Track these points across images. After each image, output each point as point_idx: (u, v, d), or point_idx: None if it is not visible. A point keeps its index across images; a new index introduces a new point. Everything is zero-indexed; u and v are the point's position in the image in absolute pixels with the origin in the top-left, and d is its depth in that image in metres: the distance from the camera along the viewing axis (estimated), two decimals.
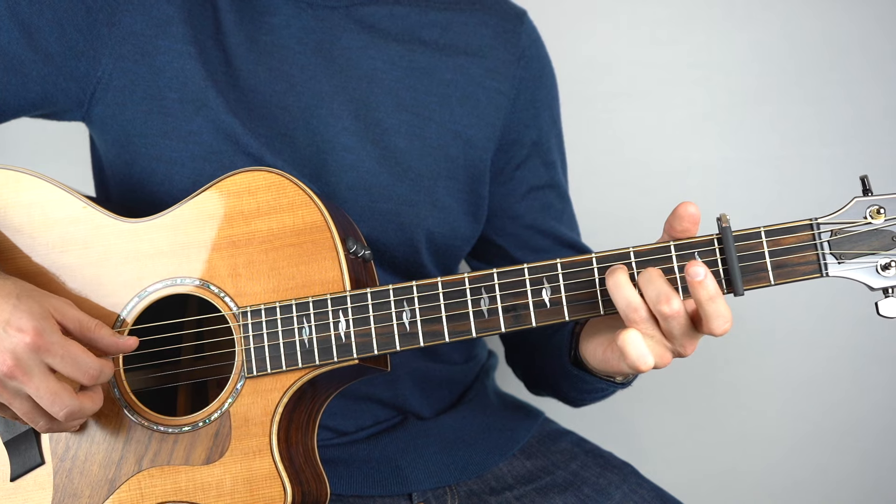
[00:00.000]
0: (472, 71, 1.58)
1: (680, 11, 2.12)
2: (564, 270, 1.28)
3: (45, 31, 1.44)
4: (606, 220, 2.07)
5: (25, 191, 1.40)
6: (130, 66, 1.46)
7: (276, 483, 1.31)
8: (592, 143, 2.11)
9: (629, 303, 1.23)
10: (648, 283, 1.23)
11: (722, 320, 1.21)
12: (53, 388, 1.24)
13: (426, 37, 1.57)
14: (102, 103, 1.47)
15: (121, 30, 1.46)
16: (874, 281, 1.25)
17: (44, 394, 1.23)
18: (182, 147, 1.45)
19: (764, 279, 1.25)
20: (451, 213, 1.57)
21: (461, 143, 1.57)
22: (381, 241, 1.52)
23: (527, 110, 1.63)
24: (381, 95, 1.53)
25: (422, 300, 1.31)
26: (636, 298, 1.23)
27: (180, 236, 1.37)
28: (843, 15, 2.08)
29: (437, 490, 1.55)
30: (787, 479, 2.19)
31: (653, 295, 1.22)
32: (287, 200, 1.35)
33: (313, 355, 1.32)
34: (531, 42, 1.64)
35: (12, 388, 1.24)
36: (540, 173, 1.66)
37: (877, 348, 2.14)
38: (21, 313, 1.23)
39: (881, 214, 1.24)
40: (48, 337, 1.23)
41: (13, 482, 1.36)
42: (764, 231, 1.25)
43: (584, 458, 1.62)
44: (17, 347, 1.22)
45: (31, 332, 1.22)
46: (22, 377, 1.23)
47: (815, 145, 2.10)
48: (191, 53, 1.47)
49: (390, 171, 1.52)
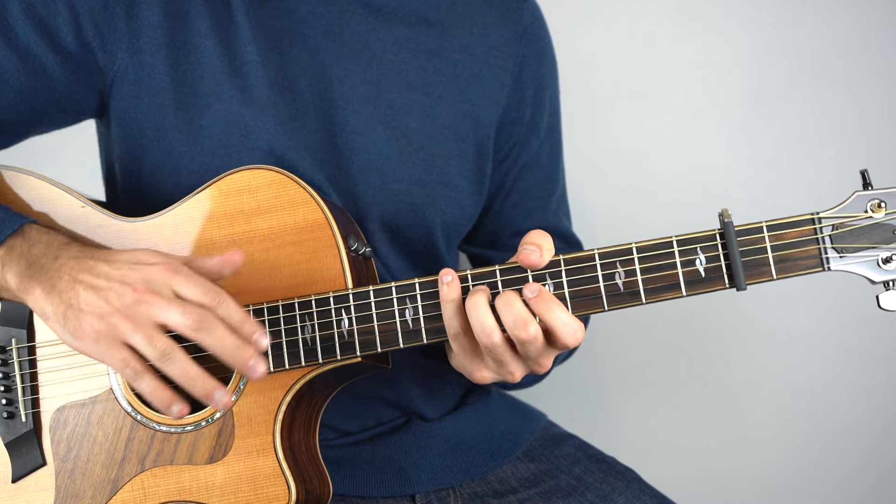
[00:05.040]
0: (478, 50, 1.60)
1: (680, 11, 2.13)
2: (567, 266, 1.28)
3: (63, 32, 1.44)
4: (606, 219, 2.07)
5: (25, 191, 1.40)
6: (147, 59, 1.46)
7: (280, 481, 1.30)
8: (593, 141, 2.12)
9: (483, 326, 1.24)
10: (506, 307, 1.24)
11: (570, 330, 1.24)
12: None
13: (432, 18, 1.58)
14: (118, 97, 1.47)
15: (139, 23, 1.46)
16: (875, 275, 1.25)
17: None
18: (192, 141, 1.45)
19: (766, 274, 1.26)
20: (460, 193, 1.58)
21: (470, 122, 1.58)
22: (394, 222, 1.53)
23: (528, 88, 1.64)
24: (391, 77, 1.54)
25: (424, 297, 1.31)
26: (491, 322, 1.25)
27: (180, 235, 1.36)
28: (843, 15, 2.09)
29: (440, 491, 1.55)
30: (788, 479, 2.19)
31: (510, 320, 1.24)
32: (287, 198, 1.34)
33: (316, 354, 1.32)
34: (533, 19, 1.66)
35: (142, 316, 1.22)
36: (534, 151, 1.68)
37: (878, 348, 2.14)
38: (121, 266, 1.25)
39: (882, 208, 1.25)
40: (175, 265, 1.24)
41: (15, 483, 1.35)
42: (766, 226, 1.26)
43: (587, 462, 1.62)
44: (150, 273, 1.23)
45: (160, 260, 1.25)
46: (152, 299, 1.22)
47: (816, 145, 2.10)
48: (207, 47, 1.47)
49: (401, 152, 1.53)
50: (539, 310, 1.24)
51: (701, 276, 1.27)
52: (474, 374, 1.33)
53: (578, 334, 1.25)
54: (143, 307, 1.22)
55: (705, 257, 1.27)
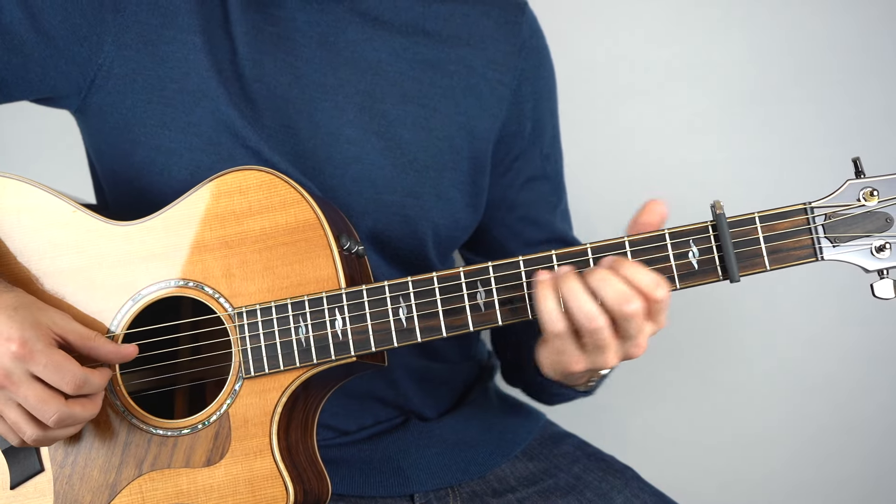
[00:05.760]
0: (475, 62, 1.59)
1: (680, 11, 2.12)
2: (560, 262, 1.28)
3: (48, 13, 1.44)
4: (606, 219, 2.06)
5: (12, 196, 1.39)
6: (133, 54, 1.46)
7: (278, 483, 1.30)
8: (592, 142, 2.11)
9: (587, 312, 1.21)
10: (604, 283, 1.21)
11: (654, 284, 1.21)
12: (41, 393, 1.25)
13: (430, 28, 1.57)
14: (103, 90, 1.47)
15: (126, 17, 1.45)
16: (869, 263, 1.25)
17: (32, 399, 1.25)
18: (181, 138, 1.45)
19: (759, 265, 1.25)
20: (454, 205, 1.57)
21: (465, 135, 1.57)
22: (385, 233, 1.52)
23: (527, 102, 1.63)
24: (386, 87, 1.53)
25: (417, 295, 1.30)
26: (594, 306, 1.21)
27: (172, 238, 1.36)
28: (842, 15, 2.08)
29: (439, 491, 1.54)
30: (788, 479, 2.18)
31: (612, 297, 1.20)
32: (279, 199, 1.34)
33: (310, 354, 1.31)
34: (532, 33, 1.65)
35: (2, 397, 1.26)
36: (538, 164, 1.66)
37: (880, 348, 2.13)
38: (13, 323, 1.25)
39: (874, 196, 1.25)
40: (32, 346, 1.25)
41: (13, 490, 1.35)
42: (758, 216, 1.25)
43: (586, 461, 1.62)
44: (4, 357, 1.24)
45: (17, 341, 1.24)
46: (10, 385, 1.24)
47: (814, 145, 2.10)
48: (195, 44, 1.47)
49: (395, 163, 1.52)
50: (626, 275, 1.21)
51: (694, 268, 1.26)
52: (572, 366, 1.28)
53: (662, 289, 1.21)
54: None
55: (698, 249, 1.26)
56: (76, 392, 1.27)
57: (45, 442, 1.30)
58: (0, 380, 1.24)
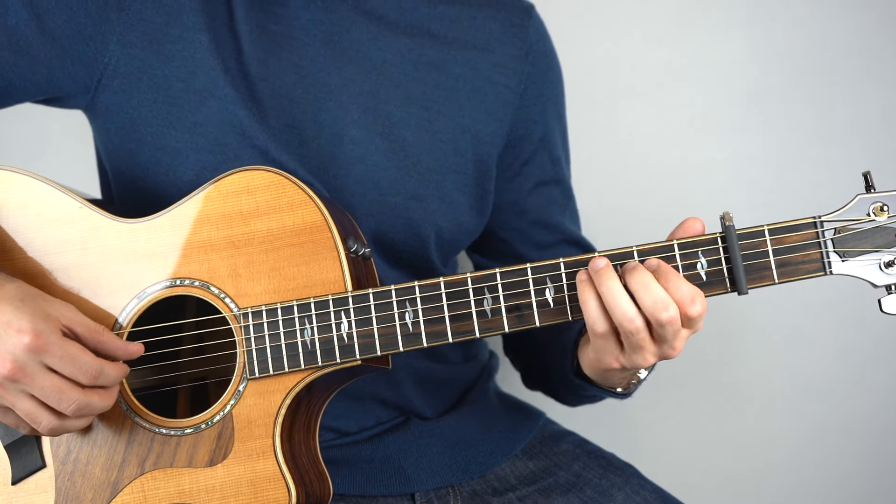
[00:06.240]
0: (481, 65, 1.58)
1: (680, 11, 2.11)
2: (567, 270, 1.28)
3: (53, 14, 1.43)
4: (608, 220, 2.07)
5: (18, 191, 1.38)
6: (138, 52, 1.45)
7: (280, 484, 1.30)
8: (594, 142, 2.11)
9: (625, 313, 1.21)
10: (644, 288, 1.21)
11: (689, 298, 1.22)
12: (57, 384, 1.24)
13: (435, 30, 1.56)
14: (109, 90, 1.46)
15: (130, 16, 1.44)
16: (878, 278, 1.25)
17: (49, 390, 1.24)
18: (187, 138, 1.44)
19: (768, 278, 1.25)
20: (458, 208, 1.56)
21: (470, 138, 1.56)
22: (388, 235, 1.52)
23: (534, 106, 1.62)
24: (391, 88, 1.52)
25: (424, 300, 1.30)
26: (633, 308, 1.22)
27: (179, 237, 1.36)
28: (842, 15, 2.08)
29: (440, 490, 1.55)
30: (788, 478, 2.19)
31: (649, 303, 1.21)
32: (286, 200, 1.34)
33: (316, 356, 1.31)
34: (539, 37, 1.64)
35: (14, 389, 1.25)
36: (546, 168, 1.66)
37: (877, 348, 2.13)
38: (22, 315, 1.24)
39: (884, 212, 1.24)
40: (46, 337, 1.23)
41: (15, 485, 1.35)
42: (768, 229, 1.25)
43: (586, 459, 1.62)
44: (17, 349, 1.22)
45: (29, 333, 1.23)
46: (23, 377, 1.23)
47: (815, 145, 2.10)
48: (201, 42, 1.46)
49: (398, 165, 1.51)
50: (667, 284, 1.22)
51: (702, 279, 1.26)
52: (611, 363, 1.29)
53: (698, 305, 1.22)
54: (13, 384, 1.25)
55: (707, 261, 1.26)
56: (92, 383, 1.26)
57: (59, 431, 1.29)
58: (13, 372, 1.23)
